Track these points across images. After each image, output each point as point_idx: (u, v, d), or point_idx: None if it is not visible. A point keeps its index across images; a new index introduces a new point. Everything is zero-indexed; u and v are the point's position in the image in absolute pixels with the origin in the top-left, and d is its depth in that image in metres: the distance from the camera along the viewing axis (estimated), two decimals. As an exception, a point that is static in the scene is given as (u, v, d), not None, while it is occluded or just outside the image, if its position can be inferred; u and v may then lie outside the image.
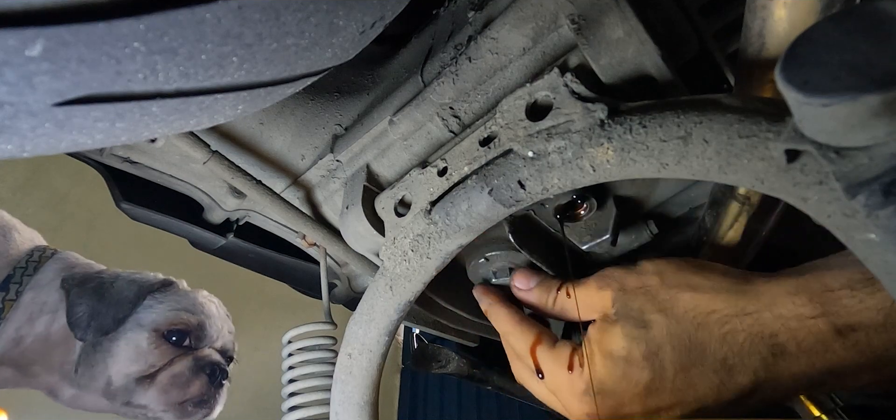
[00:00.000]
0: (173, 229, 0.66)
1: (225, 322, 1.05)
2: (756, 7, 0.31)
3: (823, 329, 0.34)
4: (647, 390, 0.38)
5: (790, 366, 0.35)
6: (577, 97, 0.35)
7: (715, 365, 0.37)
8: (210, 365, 0.96)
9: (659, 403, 0.38)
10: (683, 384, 0.37)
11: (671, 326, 0.38)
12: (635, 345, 0.39)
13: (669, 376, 0.38)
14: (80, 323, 0.88)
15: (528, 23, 0.40)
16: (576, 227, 0.47)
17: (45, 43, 0.20)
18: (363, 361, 0.49)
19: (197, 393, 0.94)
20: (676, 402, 0.38)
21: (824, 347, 0.34)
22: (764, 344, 0.36)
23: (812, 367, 0.35)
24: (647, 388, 0.38)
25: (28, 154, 0.25)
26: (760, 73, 0.34)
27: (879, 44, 0.20)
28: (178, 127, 0.29)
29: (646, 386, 0.38)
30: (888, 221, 0.22)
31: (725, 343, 0.37)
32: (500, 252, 0.52)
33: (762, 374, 0.36)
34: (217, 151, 0.53)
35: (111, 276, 0.94)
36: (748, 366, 0.36)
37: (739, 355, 0.36)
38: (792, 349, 0.35)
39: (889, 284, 0.24)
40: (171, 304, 0.95)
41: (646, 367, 0.38)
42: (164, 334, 0.92)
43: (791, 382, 0.36)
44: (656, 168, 0.32)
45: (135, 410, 0.91)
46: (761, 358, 0.36)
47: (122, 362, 0.89)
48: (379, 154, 0.52)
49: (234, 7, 0.23)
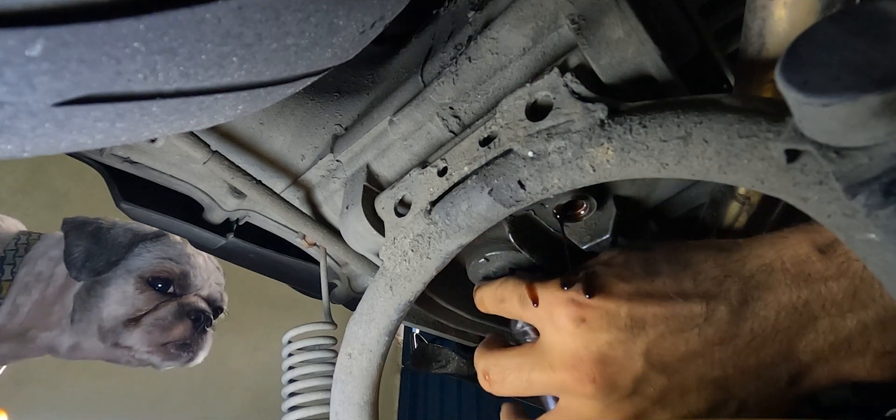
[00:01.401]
0: (173, 229, 0.66)
1: (213, 273, 1.13)
2: (756, 7, 0.31)
3: (805, 244, 0.35)
4: (636, 289, 0.39)
5: (776, 283, 0.36)
6: (577, 97, 0.35)
7: (706, 277, 0.38)
8: (195, 311, 1.03)
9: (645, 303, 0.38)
10: (672, 289, 0.38)
11: (671, 252, 0.40)
12: (634, 257, 0.41)
13: (659, 281, 0.38)
14: (75, 262, 0.95)
15: (528, 23, 0.40)
16: (576, 227, 0.47)
17: (45, 43, 0.20)
18: (363, 361, 0.49)
19: (180, 336, 1.02)
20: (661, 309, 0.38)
21: (806, 262, 0.35)
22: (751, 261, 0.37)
23: (796, 286, 0.35)
24: (636, 288, 0.39)
25: (28, 154, 0.25)
26: (760, 73, 0.34)
27: (879, 44, 0.20)
28: (178, 127, 0.29)
29: (635, 285, 0.39)
30: (888, 221, 0.22)
31: (717, 264, 0.38)
32: (500, 252, 0.53)
33: (750, 288, 0.36)
34: (217, 151, 0.54)
35: (109, 224, 1.03)
36: (736, 279, 0.37)
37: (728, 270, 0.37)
38: (777, 266, 0.36)
39: (889, 284, 0.24)
40: (159, 253, 1.03)
41: (637, 269, 0.39)
42: (149, 281, 1.00)
43: (778, 304, 0.35)
44: (656, 168, 0.32)
45: (122, 351, 1.00)
46: (749, 272, 0.37)
47: (111, 305, 0.98)
48: (379, 154, 0.52)
49: (234, 7, 0.23)
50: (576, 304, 0.39)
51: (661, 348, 0.37)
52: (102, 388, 2.15)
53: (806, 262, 0.35)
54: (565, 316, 0.39)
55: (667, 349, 0.37)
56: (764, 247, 0.37)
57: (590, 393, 0.38)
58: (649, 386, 0.38)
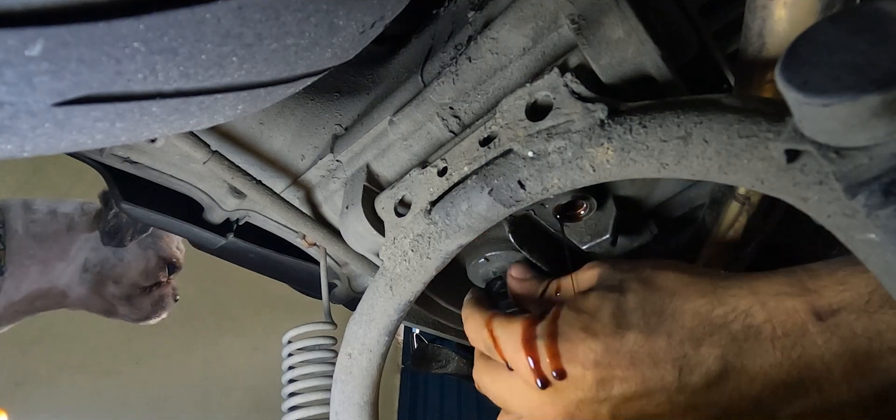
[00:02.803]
0: (173, 229, 0.66)
1: None
2: (756, 7, 0.31)
3: (801, 309, 0.32)
4: (604, 348, 0.36)
5: (763, 353, 0.32)
6: (577, 97, 0.35)
7: (681, 336, 0.34)
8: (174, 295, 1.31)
9: (612, 367, 0.35)
10: (642, 351, 0.35)
11: (647, 294, 0.37)
12: (605, 303, 0.38)
13: (630, 338, 0.35)
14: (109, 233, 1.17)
15: (528, 23, 0.40)
16: (576, 227, 0.47)
17: (45, 43, 0.20)
18: (363, 361, 0.49)
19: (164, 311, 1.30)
20: (630, 372, 0.35)
21: (801, 331, 0.31)
22: (737, 319, 0.33)
23: (787, 358, 0.32)
24: (604, 346, 0.36)
25: (28, 154, 0.25)
26: (760, 73, 0.34)
27: (879, 44, 0.20)
28: (178, 127, 0.29)
29: (603, 342, 0.36)
30: (888, 221, 0.22)
31: (696, 316, 0.34)
32: (500, 252, 0.52)
33: (730, 355, 0.33)
34: (217, 151, 0.53)
35: None
36: (716, 342, 0.33)
37: (709, 328, 0.34)
38: (766, 332, 0.32)
39: (889, 284, 0.24)
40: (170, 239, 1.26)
41: (608, 323, 0.36)
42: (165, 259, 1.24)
43: (762, 376, 0.32)
44: (656, 168, 0.32)
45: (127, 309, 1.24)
46: (731, 335, 0.33)
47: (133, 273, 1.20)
48: (379, 154, 0.52)
49: (234, 7, 0.23)
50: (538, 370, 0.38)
51: (629, 409, 0.36)
52: (102, 388, 2.16)
53: (802, 331, 0.31)
54: (530, 376, 0.38)
55: (634, 410, 0.36)
56: (755, 304, 0.33)
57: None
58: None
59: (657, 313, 0.36)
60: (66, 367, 2.03)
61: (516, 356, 0.39)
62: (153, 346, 2.25)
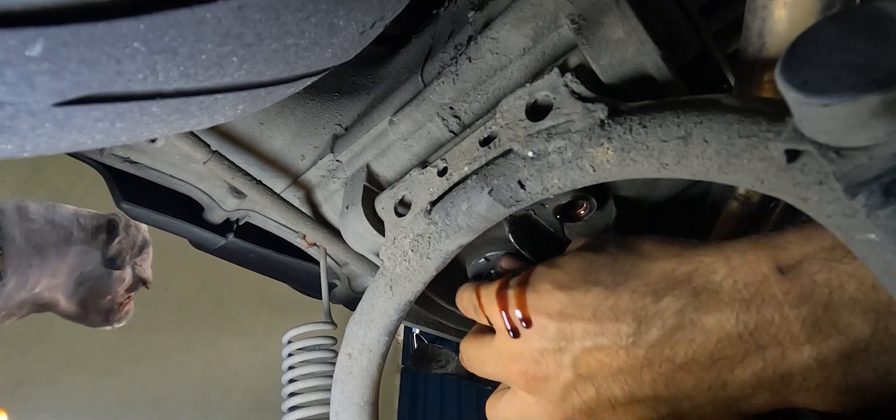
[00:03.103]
0: (173, 229, 0.66)
1: None
2: (756, 7, 0.31)
3: (764, 262, 0.31)
4: (568, 299, 0.37)
5: (720, 307, 0.32)
6: (577, 97, 0.35)
7: (644, 290, 0.35)
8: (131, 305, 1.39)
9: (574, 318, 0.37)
10: (603, 304, 0.36)
11: (620, 254, 0.38)
12: (578, 260, 0.39)
13: (593, 292, 0.37)
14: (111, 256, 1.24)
15: (528, 23, 0.40)
16: (576, 227, 0.47)
17: (45, 43, 0.20)
18: (363, 361, 0.49)
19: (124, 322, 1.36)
20: (591, 325, 0.36)
21: (761, 285, 0.31)
22: (699, 276, 0.33)
23: (744, 312, 0.31)
24: (568, 297, 0.37)
25: (28, 154, 0.25)
26: (760, 73, 0.34)
27: (879, 44, 0.20)
28: (178, 127, 0.29)
29: (567, 294, 0.37)
30: (888, 221, 0.22)
31: (662, 277, 0.35)
32: (499, 252, 0.53)
33: (689, 311, 0.33)
34: (217, 151, 0.54)
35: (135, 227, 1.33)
36: (676, 296, 0.34)
37: (671, 283, 0.34)
38: (726, 286, 0.32)
39: (889, 284, 0.24)
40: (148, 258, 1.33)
41: (575, 277, 0.38)
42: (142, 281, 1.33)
43: (719, 331, 0.32)
44: (656, 168, 0.32)
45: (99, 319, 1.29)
46: (692, 290, 0.33)
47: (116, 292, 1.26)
48: (379, 154, 0.52)
49: (234, 7, 0.23)
50: (509, 318, 0.40)
51: (589, 361, 0.37)
52: (102, 388, 2.16)
53: (762, 284, 0.31)
54: (502, 327, 0.41)
55: (594, 363, 0.37)
56: (718, 260, 0.33)
57: (525, 390, 0.41)
58: (578, 395, 0.38)
59: (626, 271, 0.37)
60: (66, 367, 2.03)
61: (491, 309, 0.42)
62: (153, 346, 2.25)
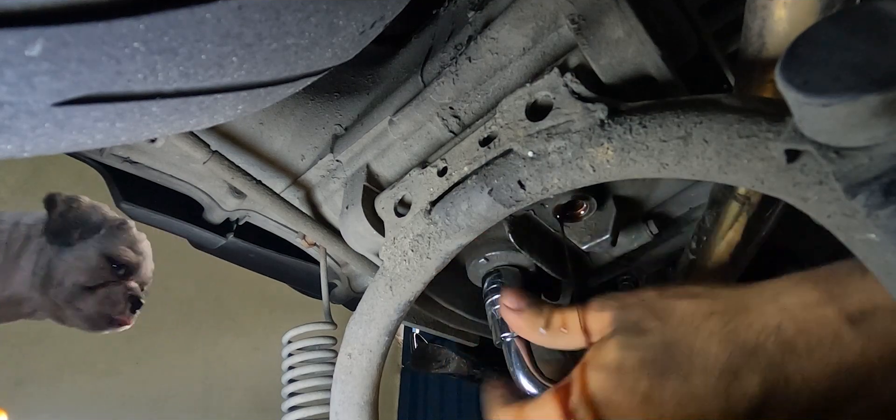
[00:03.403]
0: (173, 229, 0.66)
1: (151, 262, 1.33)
2: (756, 7, 0.31)
3: (832, 316, 0.30)
4: (644, 401, 0.34)
5: (801, 365, 0.31)
6: (577, 97, 0.35)
7: (718, 369, 0.33)
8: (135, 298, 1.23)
9: (660, 415, 0.34)
10: (684, 394, 0.34)
11: (668, 333, 0.35)
12: (629, 353, 0.36)
13: (668, 386, 0.34)
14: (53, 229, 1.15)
15: (528, 23, 0.40)
16: (576, 227, 0.47)
17: (45, 43, 0.20)
18: (363, 361, 0.49)
19: (118, 314, 1.22)
20: (679, 415, 0.34)
21: (835, 339, 0.30)
22: (769, 339, 0.32)
23: (826, 366, 0.30)
24: (644, 399, 0.34)
25: (28, 154, 0.25)
26: (760, 73, 0.34)
27: (879, 44, 0.20)
28: (178, 127, 0.29)
29: (642, 396, 0.35)
30: (888, 221, 0.22)
31: (728, 344, 0.33)
32: (499, 252, 0.53)
33: (771, 376, 0.32)
34: (217, 151, 0.53)
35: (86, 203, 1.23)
36: (754, 367, 0.32)
37: (743, 355, 0.33)
38: (800, 344, 0.31)
39: (889, 284, 0.24)
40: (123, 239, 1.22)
41: (641, 376, 0.35)
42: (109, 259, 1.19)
43: (806, 390, 0.31)
44: (656, 168, 0.32)
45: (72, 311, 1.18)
46: (768, 356, 0.32)
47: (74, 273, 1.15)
48: (379, 154, 0.52)
49: (234, 7, 0.23)
50: None
51: None
52: (102, 388, 2.16)
53: (836, 340, 0.30)
54: None
55: None
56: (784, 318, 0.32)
57: None
58: None
59: (685, 351, 0.34)
60: (66, 367, 2.03)
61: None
62: (153, 346, 2.25)
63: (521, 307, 0.43)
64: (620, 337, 0.37)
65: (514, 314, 0.43)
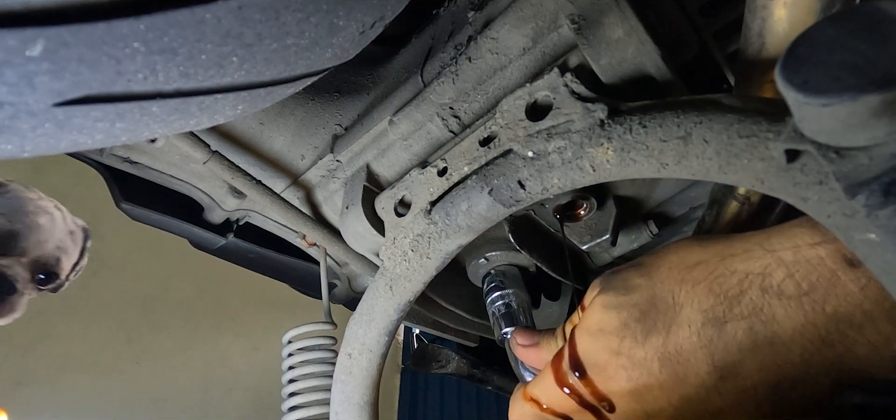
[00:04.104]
0: (173, 229, 0.66)
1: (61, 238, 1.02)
2: (756, 7, 0.31)
3: (827, 257, 0.28)
4: (628, 361, 0.33)
5: (791, 314, 0.28)
6: (577, 97, 0.35)
7: (700, 320, 0.31)
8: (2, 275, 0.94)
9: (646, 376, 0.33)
10: (668, 349, 0.32)
11: (652, 287, 0.34)
12: (611, 314, 0.35)
13: (651, 343, 0.33)
14: None
15: (528, 23, 0.40)
16: (576, 227, 0.47)
17: (45, 43, 0.20)
18: (363, 361, 0.49)
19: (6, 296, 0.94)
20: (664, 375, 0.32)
21: (831, 281, 0.27)
22: (754, 285, 0.30)
23: (819, 313, 0.28)
24: (628, 359, 0.33)
25: (28, 154, 0.25)
26: (760, 73, 0.34)
27: (879, 44, 0.20)
28: (178, 127, 0.29)
29: (627, 357, 0.33)
30: (888, 221, 0.22)
31: (712, 292, 0.31)
32: (499, 252, 0.53)
33: (759, 325, 0.29)
34: (217, 151, 0.54)
35: None
36: (739, 315, 0.30)
37: (727, 304, 0.30)
38: (789, 289, 0.28)
39: (889, 284, 0.24)
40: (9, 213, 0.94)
41: (624, 336, 0.34)
42: None
43: (800, 339, 0.28)
44: (656, 168, 0.32)
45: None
46: (752, 304, 0.29)
47: None
48: (379, 154, 0.52)
49: (234, 7, 0.23)
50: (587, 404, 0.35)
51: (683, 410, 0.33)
52: (102, 388, 2.16)
53: (832, 283, 0.28)
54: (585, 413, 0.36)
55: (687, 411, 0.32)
56: (770, 261, 0.30)
57: None
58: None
59: (669, 304, 0.33)
60: (66, 367, 2.03)
61: (562, 401, 0.37)
62: (153, 346, 2.25)
63: (536, 341, 0.43)
64: (604, 296, 0.36)
65: (532, 350, 0.44)
